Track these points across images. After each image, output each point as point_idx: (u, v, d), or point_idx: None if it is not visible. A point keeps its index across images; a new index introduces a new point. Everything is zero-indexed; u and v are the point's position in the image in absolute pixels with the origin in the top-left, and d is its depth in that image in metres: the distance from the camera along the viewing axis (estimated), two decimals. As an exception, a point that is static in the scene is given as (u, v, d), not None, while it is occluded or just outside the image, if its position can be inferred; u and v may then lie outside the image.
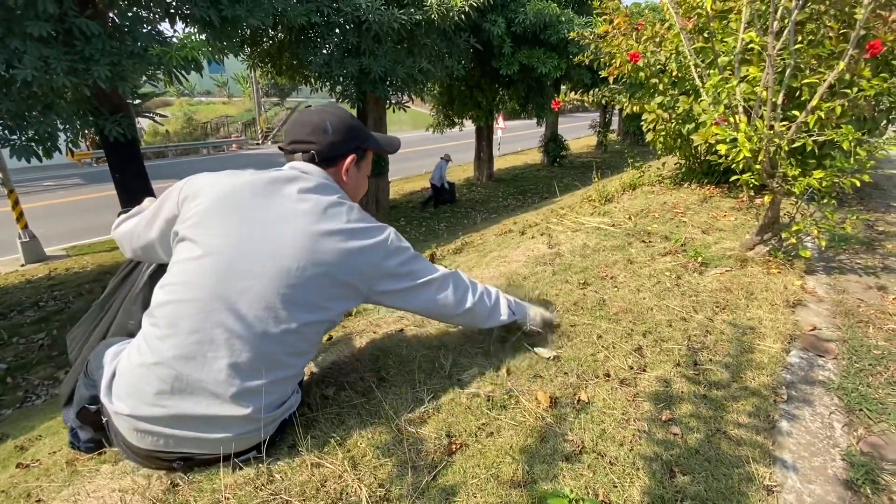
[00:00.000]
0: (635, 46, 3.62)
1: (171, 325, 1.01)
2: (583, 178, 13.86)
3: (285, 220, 1.06)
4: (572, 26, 9.37)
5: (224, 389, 1.00)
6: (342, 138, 1.21)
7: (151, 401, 1.00)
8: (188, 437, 1.04)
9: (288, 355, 1.07)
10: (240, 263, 1.01)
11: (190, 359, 0.99)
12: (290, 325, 1.04)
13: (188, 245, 1.05)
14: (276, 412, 1.11)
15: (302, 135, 1.19)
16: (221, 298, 1.00)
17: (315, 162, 1.18)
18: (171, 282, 1.05)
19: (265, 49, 8.83)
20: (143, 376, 1.01)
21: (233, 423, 1.03)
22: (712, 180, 3.99)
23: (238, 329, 1.00)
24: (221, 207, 1.05)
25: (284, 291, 1.02)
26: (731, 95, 2.15)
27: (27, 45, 4.43)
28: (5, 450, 2.44)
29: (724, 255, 2.38)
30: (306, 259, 1.04)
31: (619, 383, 1.38)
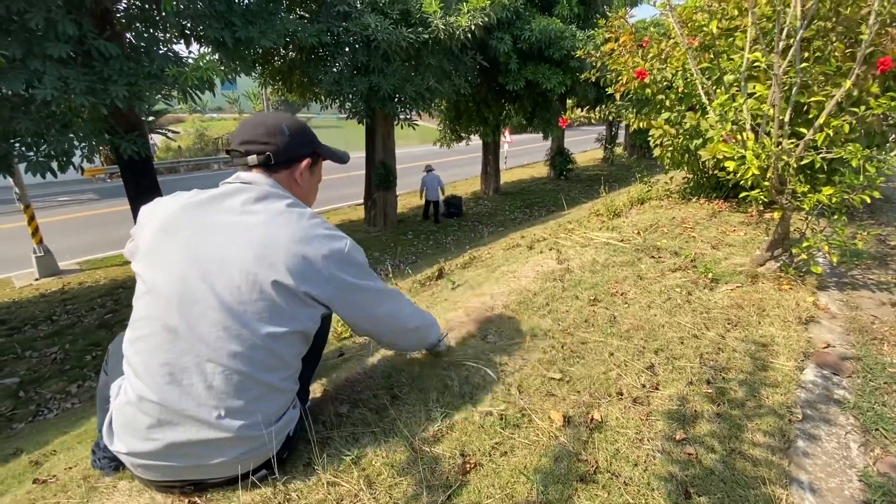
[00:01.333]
0: (641, 64, 3.67)
1: (143, 361, 1.02)
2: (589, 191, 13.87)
3: (233, 234, 1.03)
4: (575, 42, 9.50)
5: (207, 414, 1.00)
6: (299, 140, 1.17)
7: (144, 435, 1.01)
8: (188, 465, 1.05)
9: (261, 372, 1.03)
10: (188, 290, 1.00)
11: (167, 389, 0.99)
12: (255, 340, 1.01)
13: (139, 281, 1.06)
14: (275, 428, 1.08)
15: (256, 135, 1.14)
16: (182, 324, 0.99)
17: (270, 164, 1.13)
18: (135, 318, 1.05)
19: (276, 67, 9.03)
20: (132, 414, 1.02)
21: (225, 446, 1.03)
22: (721, 195, 3.99)
23: (204, 353, 0.99)
24: (162, 236, 1.05)
25: (240, 309, 1.00)
26: (737, 113, 2.17)
27: (47, 66, 4.58)
28: (20, 465, 2.47)
29: (735, 270, 2.38)
30: (256, 272, 1.00)
31: (631, 402, 1.38)
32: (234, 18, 5.85)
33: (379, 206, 10.48)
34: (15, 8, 4.40)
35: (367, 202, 10.71)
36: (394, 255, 8.99)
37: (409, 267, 7.06)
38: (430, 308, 2.56)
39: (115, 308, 6.88)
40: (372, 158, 10.20)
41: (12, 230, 10.59)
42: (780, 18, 2.00)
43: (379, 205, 10.47)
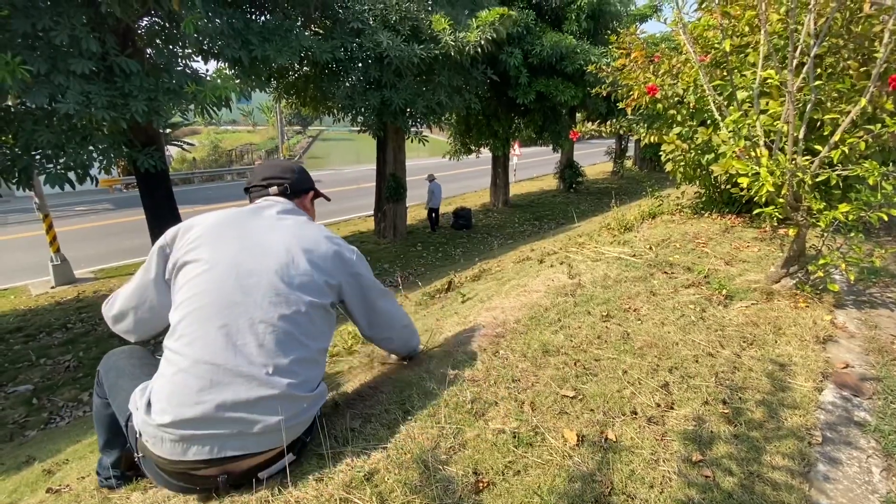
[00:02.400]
0: (652, 79, 3.69)
1: (199, 327, 1.13)
2: (599, 204, 13.84)
3: (273, 230, 1.27)
4: (588, 57, 9.57)
5: (258, 370, 1.10)
6: (304, 177, 1.51)
7: (194, 399, 1.07)
8: (232, 433, 1.08)
9: (304, 335, 1.19)
10: (244, 265, 1.18)
11: (222, 349, 1.10)
12: (300, 306, 1.19)
13: (192, 265, 1.19)
14: (310, 395, 1.20)
15: (275, 172, 1.46)
16: (238, 293, 1.15)
17: (286, 193, 1.43)
18: (185, 298, 1.17)
19: (291, 82, 9.21)
20: (181, 381, 1.09)
21: (270, 406, 1.10)
22: (733, 210, 3.96)
23: (258, 315, 1.14)
24: (216, 230, 1.24)
25: (287, 280, 1.19)
26: (751, 129, 2.17)
27: (70, 81, 4.72)
28: (33, 473, 2.49)
29: (749, 287, 2.35)
30: (295, 253, 1.23)
31: (646, 421, 1.36)
32: (251, 36, 6.00)
33: (389, 217, 10.55)
34: (41, 25, 4.56)
35: (377, 214, 10.79)
36: (403, 267, 9.02)
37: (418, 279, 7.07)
38: (439, 321, 2.56)
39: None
40: (382, 171, 10.30)
41: (31, 239, 10.83)
42: (792, 36, 2.00)
43: (389, 216, 10.54)
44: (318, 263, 1.26)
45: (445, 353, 1.88)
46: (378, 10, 7.66)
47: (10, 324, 6.86)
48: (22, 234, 11.58)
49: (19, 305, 7.62)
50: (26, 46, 4.66)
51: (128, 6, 4.76)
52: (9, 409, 4.88)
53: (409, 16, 7.79)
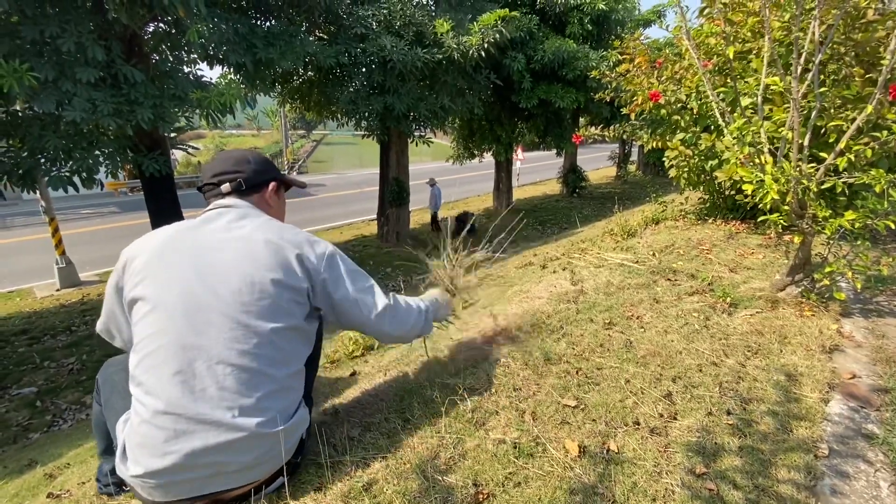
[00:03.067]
0: (655, 85, 3.68)
1: (155, 376, 1.04)
2: (602, 209, 13.80)
3: (223, 249, 1.13)
4: (589, 62, 9.58)
5: (222, 415, 1.03)
6: (262, 168, 1.33)
7: (161, 450, 1.02)
8: (207, 476, 1.05)
9: (268, 366, 1.09)
10: (195, 300, 1.07)
11: (179, 398, 1.02)
12: (260, 338, 1.08)
13: (140, 304, 1.10)
14: (288, 426, 1.11)
15: (227, 167, 1.28)
16: (191, 334, 1.05)
17: (241, 190, 1.26)
18: (139, 340, 1.09)
19: (295, 87, 9.26)
20: (146, 432, 1.04)
21: (243, 447, 1.05)
22: (738, 216, 3.94)
23: (215, 355, 1.05)
24: (161, 258, 1.12)
25: (244, 309, 1.08)
26: (755, 136, 2.16)
27: (77, 89, 4.76)
28: (35, 477, 2.49)
29: (754, 295, 2.33)
30: (253, 274, 1.10)
31: (649, 432, 1.34)
32: (255, 41, 6.04)
33: (392, 221, 10.56)
34: (49, 32, 4.61)
35: (380, 218, 10.81)
36: (405, 272, 9.01)
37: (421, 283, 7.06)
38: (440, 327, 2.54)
39: (131, 320, 6.98)
40: (386, 175, 10.32)
41: (37, 241, 10.90)
42: (797, 42, 1.99)
43: (392, 221, 10.55)
44: (280, 279, 1.12)
45: (446, 361, 1.87)
46: (382, 16, 7.70)
47: (15, 326, 6.89)
48: (28, 236, 11.67)
49: (24, 308, 7.66)
50: (35, 53, 4.71)
51: (134, 13, 4.80)
52: (13, 412, 4.90)
53: (413, 21, 7.83)
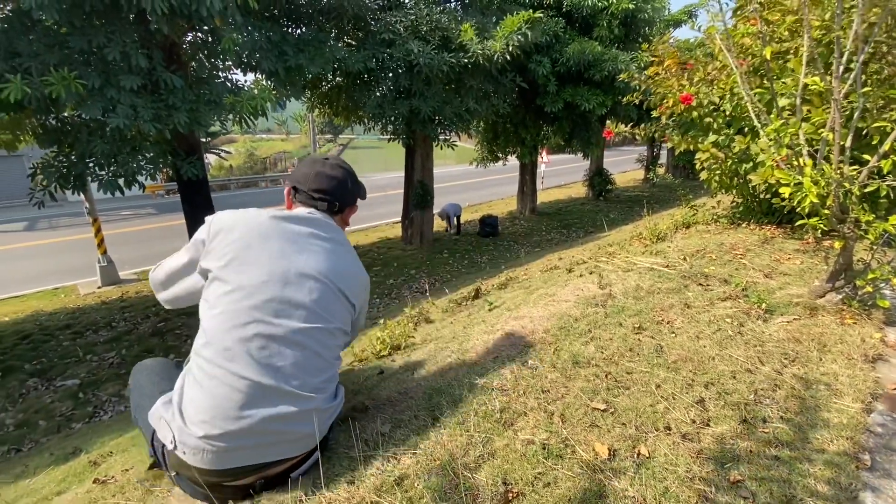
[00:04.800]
0: (686, 87, 3.61)
1: (238, 345, 1.14)
2: (629, 213, 13.54)
3: (312, 250, 1.28)
4: (617, 64, 9.44)
5: (295, 389, 1.17)
6: (355, 191, 1.46)
7: (237, 414, 1.12)
8: (270, 443, 1.16)
9: (330, 356, 1.27)
10: (281, 287, 1.20)
11: (260, 367, 1.14)
12: (328, 330, 1.25)
13: (227, 280, 1.19)
14: (333, 404, 1.30)
15: (330, 187, 1.39)
16: (276, 312, 1.18)
17: (333, 211, 1.40)
18: (219, 312, 1.17)
19: (324, 92, 9.48)
20: (225, 395, 1.12)
21: (307, 416, 1.19)
22: (773, 220, 3.81)
23: (292, 337, 1.18)
24: (257, 240, 1.23)
25: (320, 304, 1.24)
26: (793, 138, 2.10)
27: (121, 95, 5.02)
28: (80, 464, 2.63)
29: (791, 301, 2.25)
30: (331, 280, 1.27)
31: (680, 438, 1.33)
32: (287, 48, 6.23)
33: (416, 224, 10.65)
34: (96, 42, 4.88)
35: (404, 220, 10.91)
36: (429, 273, 9.06)
37: (445, 286, 7.09)
38: (466, 329, 2.56)
39: (167, 317, 7.28)
40: (410, 178, 10.42)
41: (81, 241, 11.49)
42: (838, 42, 1.93)
43: (416, 223, 10.64)
44: (347, 292, 1.31)
45: (473, 362, 1.88)
46: (409, 21, 7.81)
47: (60, 321, 7.27)
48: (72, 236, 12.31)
49: (69, 304, 8.08)
50: (82, 62, 4.99)
51: (175, 24, 5.03)
52: (57, 402, 5.17)
53: (439, 25, 7.90)
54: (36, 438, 4.56)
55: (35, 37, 4.83)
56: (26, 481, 2.69)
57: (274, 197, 17.65)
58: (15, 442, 4.49)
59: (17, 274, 9.50)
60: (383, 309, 7.09)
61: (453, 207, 11.78)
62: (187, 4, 4.66)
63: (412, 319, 3.14)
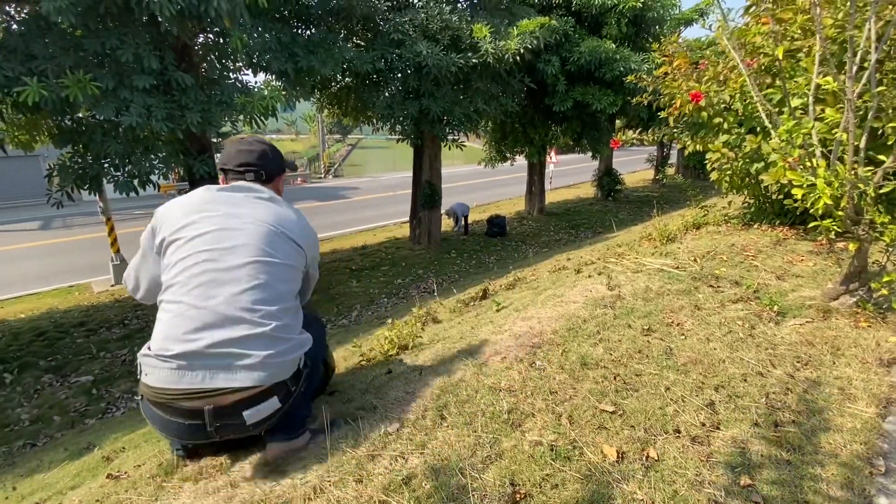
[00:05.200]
0: (697, 87, 3.58)
1: (191, 280, 1.28)
2: (639, 213, 13.44)
3: (253, 206, 1.41)
4: (628, 63, 9.37)
5: (246, 315, 1.26)
6: (277, 163, 1.59)
7: (189, 336, 1.23)
8: (222, 366, 1.24)
9: (286, 290, 1.36)
10: (228, 232, 1.33)
11: (212, 297, 1.26)
12: (277, 267, 1.34)
13: (180, 239, 1.33)
14: (294, 337, 1.35)
15: (252, 159, 1.52)
16: (222, 252, 1.30)
17: (262, 180, 1.52)
18: (177, 260, 1.31)
19: (333, 93, 9.52)
20: (177, 323, 1.25)
21: (258, 342, 1.26)
22: (785, 221, 3.76)
23: (243, 273, 1.29)
24: (199, 207, 1.37)
25: (265, 245, 1.35)
26: (805, 138, 2.07)
27: (134, 96, 5.09)
28: (93, 459, 2.67)
29: (804, 304, 2.23)
30: (275, 226, 1.39)
31: (690, 441, 1.32)
32: (297, 49, 6.27)
33: (424, 224, 10.66)
34: (109, 44, 4.96)
35: (412, 220, 10.93)
36: (437, 273, 9.07)
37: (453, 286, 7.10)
38: (474, 329, 2.57)
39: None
40: (419, 178, 10.44)
41: (94, 240, 11.67)
42: (852, 41, 1.91)
43: (424, 223, 10.65)
44: (292, 234, 1.41)
45: (481, 362, 1.88)
46: (419, 21, 7.82)
47: (74, 318, 7.40)
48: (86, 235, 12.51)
49: (83, 301, 8.21)
50: (96, 64, 5.07)
51: (185, 25, 5.09)
52: (71, 398, 5.26)
53: (449, 25, 7.91)
54: (50, 433, 4.64)
55: (51, 40, 4.92)
56: (41, 475, 2.74)
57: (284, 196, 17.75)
58: (30, 437, 4.57)
59: (32, 272, 9.68)
60: (391, 308, 7.11)
61: (461, 207, 11.78)
62: (195, 6, 4.72)
63: (420, 319, 3.15)
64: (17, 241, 11.59)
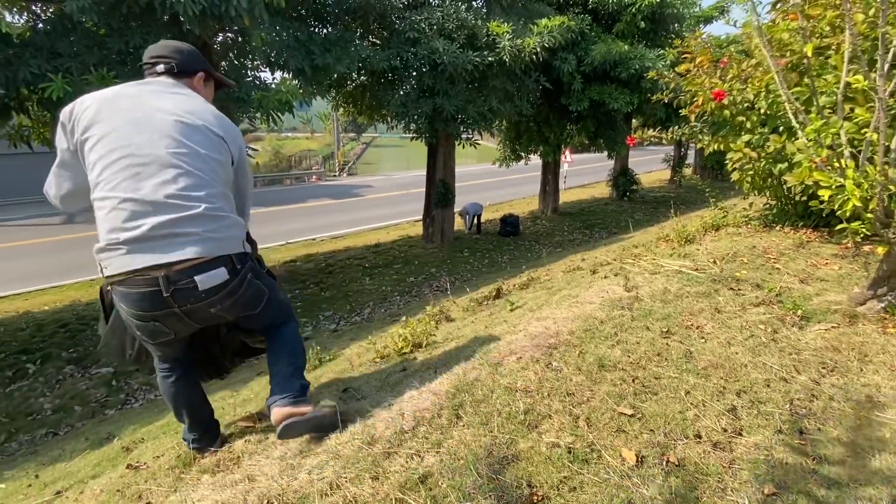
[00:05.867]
0: (719, 84, 3.50)
1: (118, 175, 1.31)
2: (655, 214, 13.26)
3: (165, 98, 1.41)
4: (644, 62, 9.23)
5: (178, 201, 1.31)
6: (192, 59, 1.57)
7: (130, 225, 1.30)
8: (166, 244, 1.31)
9: (208, 175, 1.38)
10: (143, 124, 1.34)
11: (142, 188, 1.30)
12: (198, 155, 1.36)
13: (94, 138, 1.34)
14: (230, 215, 1.42)
15: (164, 52, 1.52)
16: (144, 147, 1.32)
17: (174, 72, 1.50)
18: (97, 158, 1.33)
19: (348, 91, 9.57)
20: (116, 216, 1.31)
21: (194, 221, 1.33)
22: (808, 223, 3.67)
23: (167, 161, 1.32)
24: (110, 102, 1.37)
25: (184, 133, 1.36)
26: (834, 138, 2.01)
27: (156, 93, 5.20)
28: (113, 449, 2.73)
29: (829, 308, 2.16)
30: (184, 114, 1.39)
31: (711, 446, 1.29)
32: (313, 47, 6.32)
33: (437, 222, 10.66)
34: (132, 43, 5.06)
35: (425, 219, 10.94)
36: (450, 272, 9.07)
37: (466, 284, 7.08)
38: (488, 328, 2.55)
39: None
40: (432, 177, 10.44)
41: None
42: (883, 38, 1.84)
43: (437, 222, 10.65)
44: (209, 124, 1.41)
45: (496, 362, 1.87)
46: (435, 19, 7.81)
47: (95, 311, 7.57)
48: (107, 230, 12.76)
49: (102, 295, 8.39)
50: (118, 62, 5.17)
51: (206, 24, 5.16)
52: (92, 389, 5.39)
53: (465, 24, 7.89)
54: (72, 423, 4.76)
55: (76, 38, 5.04)
56: (63, 464, 2.81)
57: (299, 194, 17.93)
58: (52, 425, 4.70)
59: (56, 265, 9.93)
60: (403, 306, 7.13)
61: (474, 207, 11.74)
62: (217, 5, 4.78)
63: (434, 318, 3.15)
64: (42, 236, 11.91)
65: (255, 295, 1.50)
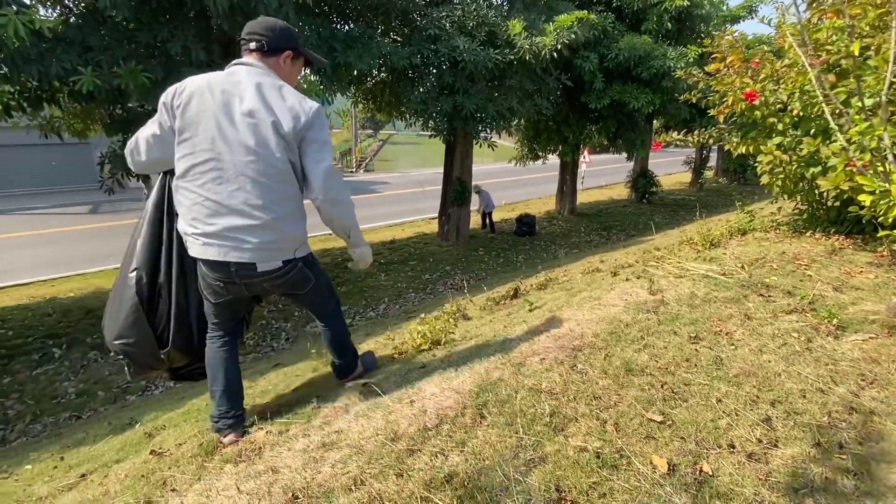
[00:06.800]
0: (751, 84, 3.41)
1: (203, 176, 1.51)
2: (675, 217, 13.02)
3: (245, 95, 1.52)
4: (666, 60, 9.05)
5: (245, 208, 1.52)
6: (283, 37, 1.65)
7: (207, 222, 1.53)
8: (232, 246, 1.54)
9: (276, 182, 1.54)
10: (224, 132, 1.49)
11: (220, 192, 1.51)
12: (269, 161, 1.52)
13: (187, 133, 1.51)
14: (297, 227, 1.64)
15: (259, 29, 1.63)
16: (222, 153, 1.49)
17: (263, 51, 1.61)
18: (187, 153, 1.52)
19: (368, 88, 9.60)
20: (198, 210, 1.54)
21: (257, 231, 1.54)
22: (841, 230, 3.54)
23: (241, 170, 1.50)
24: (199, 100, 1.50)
25: (259, 141, 1.51)
26: (878, 141, 1.93)
27: (182, 87, 5.28)
28: (136, 435, 2.78)
29: (866, 318, 2.08)
30: (262, 114, 1.51)
31: (746, 457, 1.25)
32: (336, 44, 6.35)
33: (453, 221, 10.64)
34: (160, 37, 5.14)
35: (441, 217, 10.93)
36: (465, 270, 9.05)
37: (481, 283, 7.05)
38: (507, 328, 2.53)
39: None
40: (449, 175, 10.42)
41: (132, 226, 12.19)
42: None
43: (453, 220, 10.63)
44: (280, 126, 1.52)
45: (519, 362, 1.85)
46: (456, 17, 7.78)
47: (117, 300, 7.75)
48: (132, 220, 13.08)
49: (125, 284, 8.58)
50: (147, 56, 5.27)
51: (233, 20, 5.22)
52: (114, 375, 5.51)
53: (485, 21, 7.83)
54: (95, 407, 4.88)
55: (106, 32, 5.14)
56: (87, 448, 2.87)
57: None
58: (76, 409, 4.82)
59: (83, 253, 10.20)
60: (418, 303, 7.14)
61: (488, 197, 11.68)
62: (247, 2, 4.83)
63: (452, 315, 3.13)
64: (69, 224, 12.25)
65: (302, 280, 1.74)
